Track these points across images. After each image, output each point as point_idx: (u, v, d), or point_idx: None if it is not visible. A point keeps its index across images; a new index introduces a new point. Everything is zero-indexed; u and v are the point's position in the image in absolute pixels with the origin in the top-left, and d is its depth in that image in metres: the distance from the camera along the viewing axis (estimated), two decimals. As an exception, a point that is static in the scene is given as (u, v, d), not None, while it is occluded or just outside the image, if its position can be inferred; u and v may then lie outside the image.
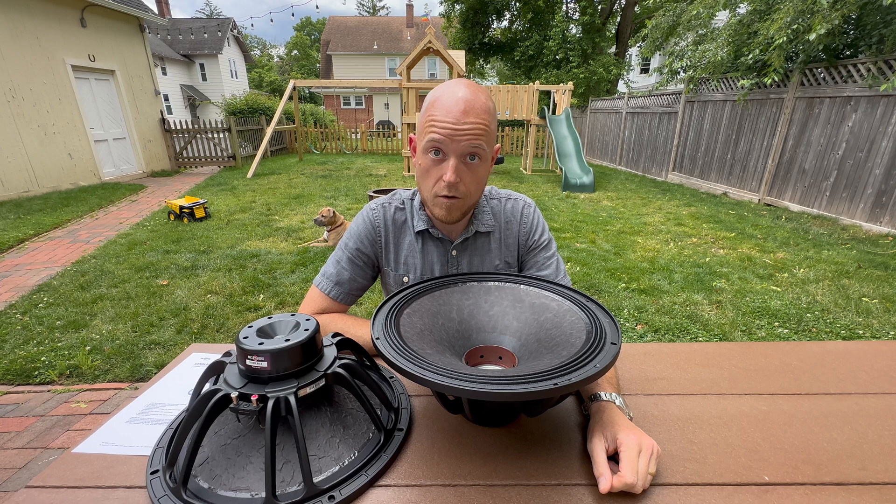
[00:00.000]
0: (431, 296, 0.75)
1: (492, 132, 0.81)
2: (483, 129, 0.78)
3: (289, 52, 48.72)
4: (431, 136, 0.78)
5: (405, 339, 0.61)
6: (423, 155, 0.82)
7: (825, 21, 4.35)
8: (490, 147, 0.82)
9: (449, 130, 0.76)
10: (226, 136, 9.76)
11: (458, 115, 0.76)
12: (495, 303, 0.76)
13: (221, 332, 2.57)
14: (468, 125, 0.76)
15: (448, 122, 0.76)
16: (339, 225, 4.13)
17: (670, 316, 2.73)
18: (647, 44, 8.43)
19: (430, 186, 0.84)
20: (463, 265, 0.97)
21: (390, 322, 0.64)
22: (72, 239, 4.44)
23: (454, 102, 0.76)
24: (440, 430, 0.67)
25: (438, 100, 0.79)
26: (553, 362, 0.56)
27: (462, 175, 0.81)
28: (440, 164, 0.81)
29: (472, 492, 0.56)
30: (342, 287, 0.96)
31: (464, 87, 0.79)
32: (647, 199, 6.43)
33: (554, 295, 0.74)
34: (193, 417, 0.55)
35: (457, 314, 0.74)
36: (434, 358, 0.57)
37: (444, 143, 0.78)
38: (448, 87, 0.79)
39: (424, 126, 0.80)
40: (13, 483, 1.53)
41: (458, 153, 0.79)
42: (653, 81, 12.25)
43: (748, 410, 0.71)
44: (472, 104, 0.76)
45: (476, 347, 0.71)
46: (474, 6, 13.77)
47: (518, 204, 1.01)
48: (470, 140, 0.77)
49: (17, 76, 6.26)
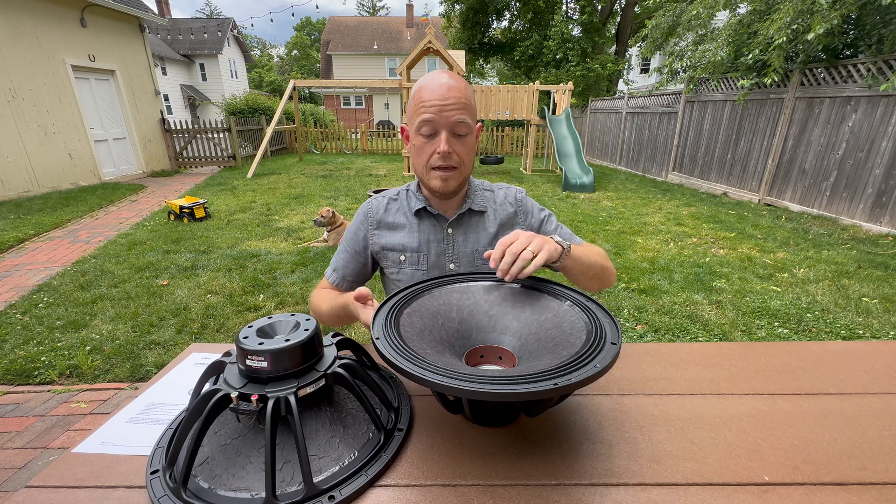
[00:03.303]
0: (431, 295, 0.75)
1: (472, 108, 0.92)
2: (465, 103, 0.89)
3: (289, 52, 48.73)
4: (423, 115, 0.89)
5: (405, 339, 0.61)
6: (416, 136, 0.92)
7: (824, 21, 4.35)
8: (473, 121, 0.92)
9: (437, 107, 0.87)
10: (226, 136, 9.76)
11: (442, 93, 0.87)
12: (495, 303, 0.76)
13: (221, 332, 2.57)
14: (452, 100, 0.87)
15: (435, 100, 0.87)
16: (338, 225, 4.13)
17: (670, 316, 2.73)
18: (647, 44, 8.42)
19: (425, 161, 0.93)
20: (458, 242, 1.02)
21: (390, 322, 0.64)
22: (72, 239, 4.44)
23: (438, 85, 0.88)
24: (440, 430, 0.67)
25: (424, 86, 0.90)
26: (553, 362, 0.56)
27: (453, 145, 0.91)
28: (432, 140, 0.91)
29: (472, 492, 0.55)
30: (338, 273, 1.07)
31: (443, 73, 0.91)
32: (647, 199, 6.43)
33: (554, 295, 0.74)
34: (193, 417, 0.55)
35: (457, 314, 0.74)
36: (434, 358, 0.57)
37: (434, 120, 0.88)
38: (430, 76, 0.91)
39: (415, 109, 0.91)
40: (13, 483, 1.53)
41: (447, 127, 0.89)
42: (653, 81, 12.25)
43: (748, 410, 0.71)
44: (452, 85, 0.89)
45: (476, 347, 0.71)
46: (474, 6, 13.77)
47: (511, 191, 1.10)
48: (456, 113, 0.88)
49: (17, 76, 6.26)
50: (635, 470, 0.59)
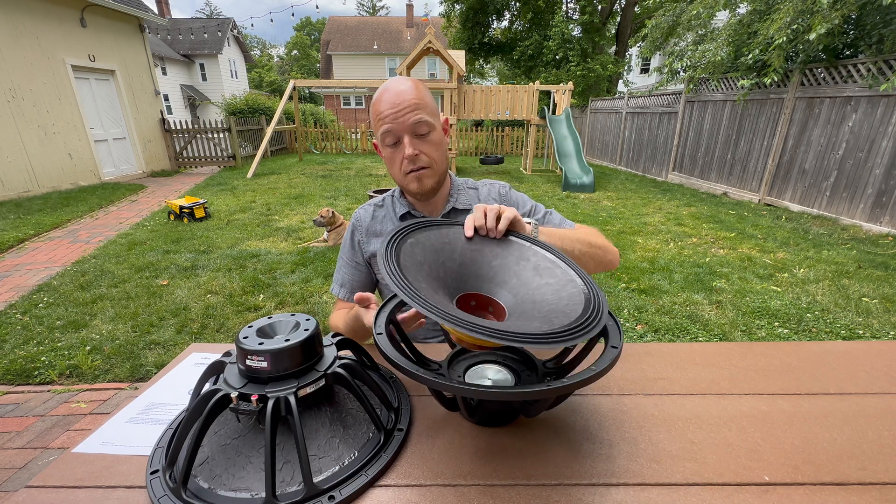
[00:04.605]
0: (439, 231, 0.74)
1: (428, 104, 0.92)
2: (417, 103, 0.90)
3: (289, 52, 48.72)
4: (382, 128, 0.91)
5: (403, 266, 0.60)
6: (384, 147, 0.95)
7: (825, 21, 4.35)
8: (434, 117, 0.93)
9: (391, 115, 0.89)
10: (226, 136, 9.76)
11: (394, 100, 0.89)
12: (500, 255, 0.73)
13: (221, 332, 2.57)
14: (405, 104, 0.89)
15: (388, 109, 0.89)
16: (338, 225, 4.13)
17: (670, 316, 2.73)
18: (647, 44, 8.42)
19: (398, 169, 0.95)
20: None
21: (392, 249, 0.63)
22: (72, 239, 4.44)
23: (390, 94, 0.90)
24: (440, 430, 0.67)
25: (378, 98, 0.92)
26: (542, 327, 0.54)
27: (418, 146, 0.92)
28: (398, 148, 0.93)
29: (472, 492, 0.55)
30: (345, 287, 1.09)
31: (394, 80, 0.92)
32: (647, 199, 6.43)
33: (561, 263, 0.71)
34: (193, 417, 0.55)
35: (459, 256, 0.72)
36: (427, 294, 0.56)
37: (393, 129, 0.90)
38: (384, 86, 0.92)
39: (375, 124, 0.93)
40: (13, 483, 1.53)
41: (407, 131, 0.90)
42: (653, 81, 12.24)
43: (748, 410, 0.71)
44: (401, 89, 0.90)
45: (470, 293, 0.69)
46: (474, 6, 13.76)
47: (495, 186, 1.11)
48: (411, 115, 0.89)
49: (17, 76, 6.26)
50: (635, 470, 0.59)
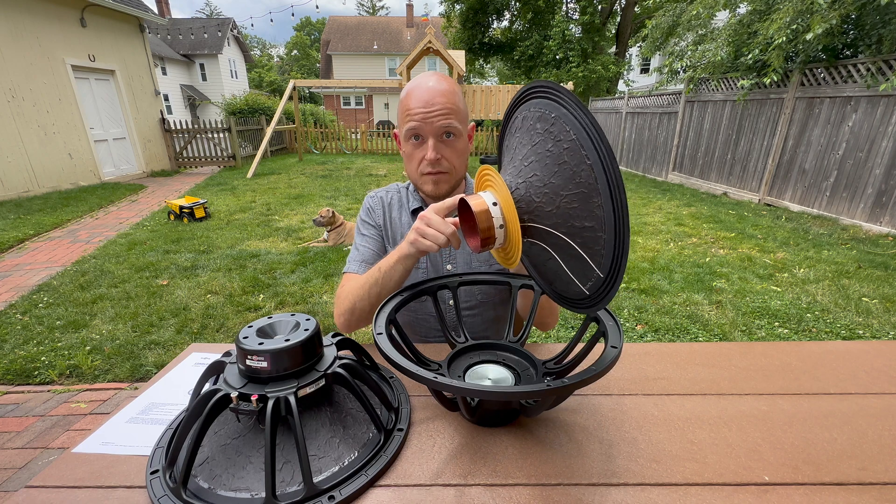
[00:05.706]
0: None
1: (461, 110, 0.91)
2: (451, 108, 0.88)
3: (289, 52, 48.71)
4: (409, 124, 0.89)
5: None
6: (406, 142, 0.93)
7: (823, 21, 4.35)
8: (463, 124, 0.92)
9: (422, 114, 0.87)
10: (226, 136, 9.75)
11: (427, 100, 0.87)
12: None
13: (221, 332, 2.57)
14: (437, 106, 0.87)
15: (420, 108, 0.87)
16: (338, 225, 4.12)
17: (670, 316, 2.73)
18: (647, 44, 8.43)
19: (416, 167, 0.94)
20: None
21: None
22: (72, 239, 4.44)
23: (424, 91, 0.88)
24: (440, 430, 0.67)
25: (411, 92, 0.89)
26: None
27: (441, 151, 0.91)
28: (421, 146, 0.91)
29: (472, 492, 0.55)
30: (369, 263, 1.00)
31: (431, 77, 0.90)
32: (648, 199, 6.43)
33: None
34: (193, 417, 0.55)
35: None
36: None
37: (420, 128, 0.88)
38: (418, 80, 0.90)
39: (402, 117, 0.91)
40: (13, 483, 1.53)
41: (434, 133, 0.89)
42: (653, 81, 12.24)
43: (748, 410, 0.71)
44: (438, 90, 0.88)
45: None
46: (474, 6, 13.75)
47: None
48: (441, 119, 0.87)
49: (17, 76, 6.25)
50: (635, 470, 0.59)
